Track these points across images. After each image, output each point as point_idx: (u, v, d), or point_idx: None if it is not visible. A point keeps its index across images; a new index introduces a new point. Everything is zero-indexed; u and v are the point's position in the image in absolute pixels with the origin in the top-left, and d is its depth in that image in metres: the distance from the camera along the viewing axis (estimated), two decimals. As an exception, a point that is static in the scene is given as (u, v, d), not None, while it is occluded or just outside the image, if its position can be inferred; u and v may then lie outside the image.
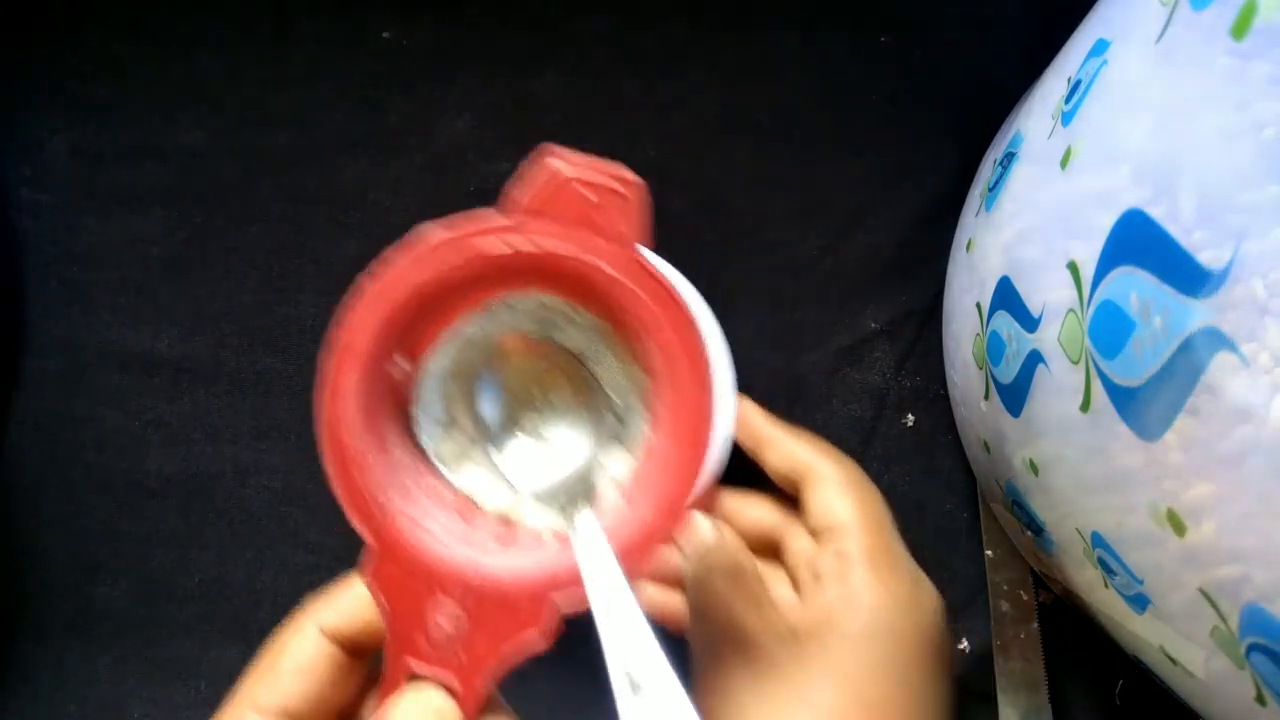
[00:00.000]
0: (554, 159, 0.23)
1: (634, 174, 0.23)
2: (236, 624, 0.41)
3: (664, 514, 0.24)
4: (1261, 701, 0.23)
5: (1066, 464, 0.28)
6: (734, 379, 0.36)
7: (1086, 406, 0.26)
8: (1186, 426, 0.22)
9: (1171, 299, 0.22)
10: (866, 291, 0.43)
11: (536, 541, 0.25)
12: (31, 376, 0.42)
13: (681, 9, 0.44)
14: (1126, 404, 0.24)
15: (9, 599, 0.41)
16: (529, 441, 0.28)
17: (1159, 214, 0.22)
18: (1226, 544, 0.22)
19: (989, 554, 0.40)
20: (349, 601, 0.24)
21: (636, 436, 0.27)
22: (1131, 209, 0.24)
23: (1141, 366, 0.23)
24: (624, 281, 0.24)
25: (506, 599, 0.23)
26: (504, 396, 0.28)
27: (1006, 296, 0.31)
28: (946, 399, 0.41)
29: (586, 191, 0.23)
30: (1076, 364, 0.26)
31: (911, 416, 0.42)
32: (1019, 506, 0.34)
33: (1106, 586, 0.29)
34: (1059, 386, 0.27)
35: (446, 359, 0.27)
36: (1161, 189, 0.23)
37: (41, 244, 0.43)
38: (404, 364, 0.25)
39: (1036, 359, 0.29)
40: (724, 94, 0.44)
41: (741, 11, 0.44)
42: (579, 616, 0.23)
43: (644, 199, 0.23)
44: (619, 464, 0.27)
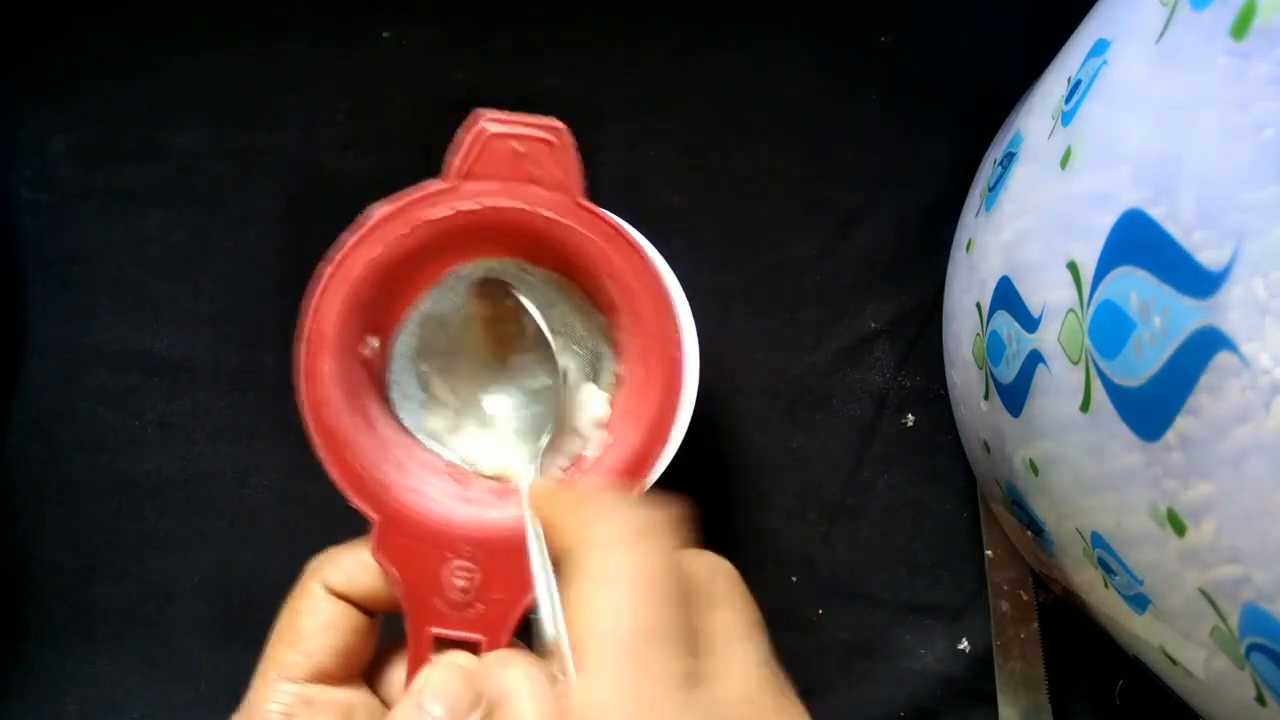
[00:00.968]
0: (482, 120, 0.24)
1: (559, 120, 0.24)
2: (236, 624, 0.41)
3: (650, 434, 0.25)
4: (1261, 701, 0.23)
5: (1066, 464, 0.28)
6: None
7: (1086, 406, 0.26)
8: (1186, 426, 0.22)
9: (1171, 299, 0.22)
10: (866, 291, 0.43)
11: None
12: (31, 376, 0.42)
13: (681, 9, 0.44)
14: (1126, 404, 0.24)
15: (9, 599, 0.41)
16: (506, 402, 0.28)
17: (1159, 214, 0.22)
18: (1226, 544, 0.22)
19: (989, 554, 0.40)
20: (353, 561, 0.24)
21: (609, 375, 0.27)
22: (1131, 209, 0.24)
23: (1141, 366, 0.23)
24: (566, 222, 0.24)
25: (516, 548, 0.24)
26: (473, 364, 0.28)
27: (1006, 296, 0.31)
28: (946, 399, 0.41)
29: (515, 144, 0.24)
30: (1076, 364, 0.26)
31: (911, 416, 0.42)
32: (1019, 506, 0.34)
33: (1106, 586, 0.29)
34: (1059, 386, 0.27)
35: (412, 339, 0.27)
36: (1161, 189, 0.23)
37: (41, 244, 0.43)
38: (375, 344, 0.26)
39: (1036, 359, 0.29)
40: (724, 94, 0.44)
41: (741, 11, 0.44)
42: None
43: (571, 143, 0.24)
44: (598, 403, 0.27)
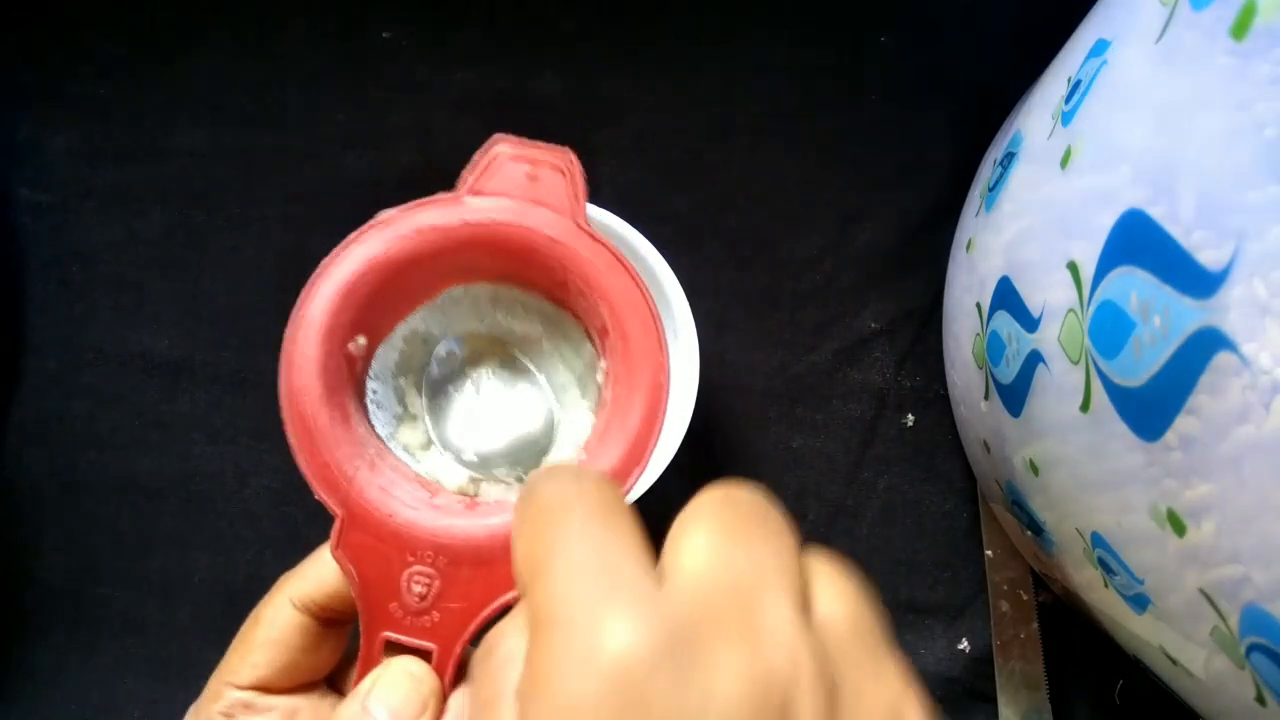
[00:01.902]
0: (499, 144, 0.25)
1: (568, 149, 0.25)
2: (236, 624, 0.40)
3: (628, 456, 0.25)
4: (1261, 701, 0.23)
5: (1066, 464, 0.28)
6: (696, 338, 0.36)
7: (1086, 406, 0.26)
8: (1186, 426, 0.22)
9: (1171, 299, 0.22)
10: (866, 291, 0.43)
11: (500, 504, 0.26)
12: (31, 376, 0.42)
13: (682, 9, 0.44)
14: (1126, 404, 0.24)
15: (9, 599, 0.41)
16: (484, 423, 0.28)
17: (1159, 214, 0.22)
18: (1226, 544, 0.22)
19: (989, 554, 0.40)
20: (318, 570, 0.25)
21: (593, 399, 0.28)
22: (1131, 209, 0.24)
23: (1141, 366, 0.23)
24: (567, 244, 0.25)
25: (481, 558, 0.23)
26: (454, 385, 0.29)
27: (1006, 296, 0.31)
28: (946, 399, 0.41)
29: (526, 167, 0.25)
30: (1076, 364, 0.26)
31: (911, 416, 0.42)
32: (1019, 506, 0.34)
33: (1106, 586, 0.29)
34: (1059, 386, 0.27)
35: (394, 352, 0.28)
36: (1161, 189, 0.23)
37: (41, 244, 0.43)
38: (362, 343, 0.26)
39: (1036, 359, 0.29)
40: (724, 94, 0.44)
41: (741, 11, 0.44)
42: None
43: (579, 170, 0.25)
44: (580, 426, 0.28)
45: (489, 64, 0.44)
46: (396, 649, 0.23)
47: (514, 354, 0.29)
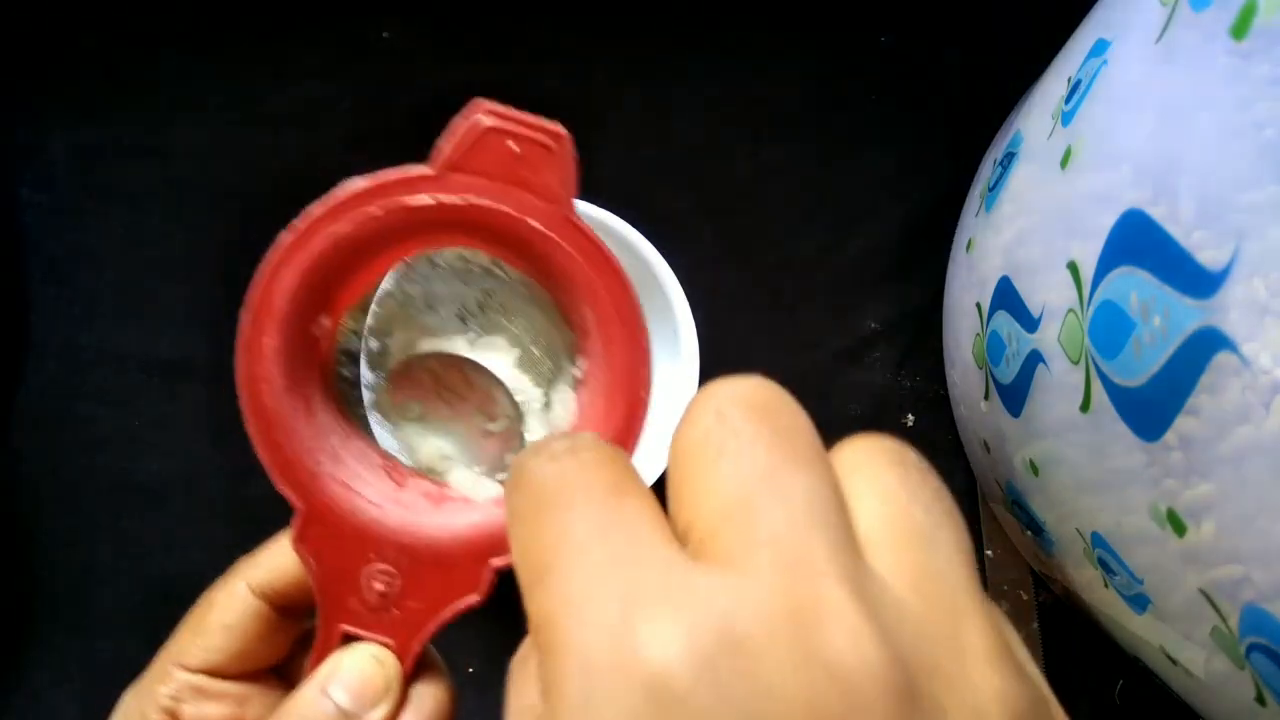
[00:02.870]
0: (479, 112, 0.22)
1: (560, 126, 0.22)
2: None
3: None
4: (1261, 701, 0.23)
5: (1066, 464, 0.28)
6: (696, 347, 0.35)
7: (1086, 406, 0.26)
8: (1186, 426, 0.22)
9: (1171, 299, 0.22)
10: (866, 291, 0.43)
11: (468, 503, 0.25)
12: (32, 377, 0.42)
13: (682, 10, 0.44)
14: (1126, 404, 0.24)
15: (9, 599, 0.41)
16: (453, 404, 0.27)
17: (1159, 214, 0.22)
18: (1226, 544, 0.22)
19: (989, 554, 0.40)
20: (277, 558, 0.24)
21: (566, 397, 0.26)
22: (1131, 209, 0.24)
23: (1141, 366, 0.23)
24: (553, 237, 0.22)
25: (443, 561, 0.23)
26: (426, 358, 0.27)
27: (1006, 296, 0.31)
28: (946, 399, 0.41)
29: (511, 143, 0.22)
30: (1076, 364, 0.26)
31: (911, 416, 0.42)
32: (1019, 506, 0.34)
33: (1106, 586, 0.29)
34: (1059, 386, 0.27)
35: (371, 319, 0.26)
36: (1161, 189, 0.23)
37: (41, 244, 0.43)
38: (327, 323, 0.25)
39: (1036, 359, 0.29)
40: (724, 94, 0.44)
41: (741, 12, 0.44)
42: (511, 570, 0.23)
43: (571, 152, 0.22)
44: (554, 423, 0.26)
45: (489, 64, 0.44)
46: (354, 642, 0.23)
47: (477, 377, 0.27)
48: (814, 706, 0.12)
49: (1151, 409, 0.23)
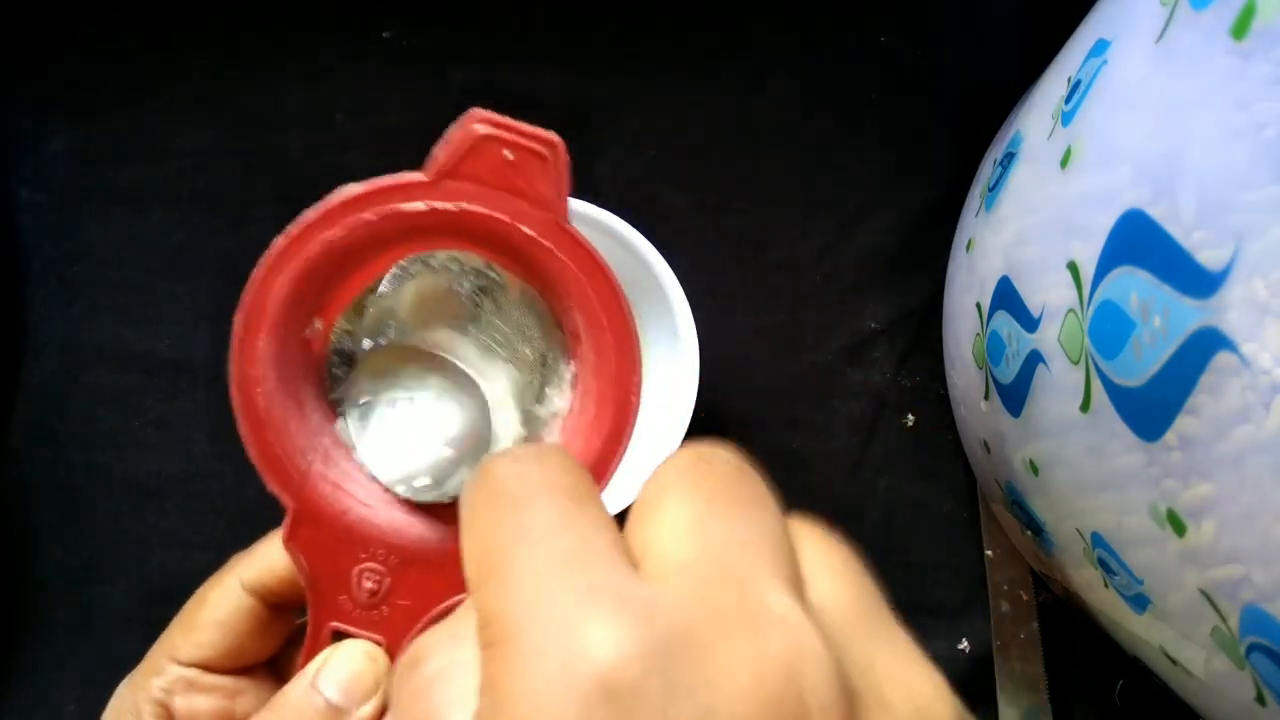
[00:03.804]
0: (476, 121, 0.22)
1: (554, 134, 0.22)
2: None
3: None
4: (1261, 701, 0.23)
5: (1066, 464, 0.28)
6: (696, 355, 0.35)
7: (1086, 406, 0.26)
8: (1186, 426, 0.22)
9: (1171, 299, 0.22)
10: (866, 291, 0.43)
11: (456, 504, 0.24)
12: (32, 377, 0.42)
13: (682, 9, 0.44)
14: (1126, 404, 0.24)
15: (9, 599, 0.41)
16: (415, 439, 0.27)
17: (1159, 214, 0.22)
18: (1226, 544, 0.22)
19: (989, 554, 0.40)
20: (270, 555, 0.25)
21: (554, 402, 0.26)
22: (1131, 209, 0.24)
23: (1141, 366, 0.23)
24: (545, 244, 0.22)
25: (432, 560, 0.23)
26: (413, 364, 0.27)
27: (1006, 296, 0.31)
28: (946, 399, 0.41)
29: (505, 151, 0.22)
30: (1076, 364, 0.26)
31: (911, 416, 0.42)
32: (1019, 506, 0.34)
33: (1106, 586, 0.29)
34: (1059, 386, 0.27)
35: (365, 320, 0.26)
36: (1161, 189, 0.23)
37: (41, 244, 0.43)
38: (320, 325, 0.25)
39: (1036, 359, 0.29)
40: (724, 94, 0.44)
41: (741, 11, 0.44)
42: None
43: (564, 161, 0.22)
44: (543, 428, 0.26)
45: (489, 64, 0.44)
46: (344, 639, 0.23)
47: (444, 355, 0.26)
48: (764, 698, 0.13)
49: (1151, 409, 0.23)
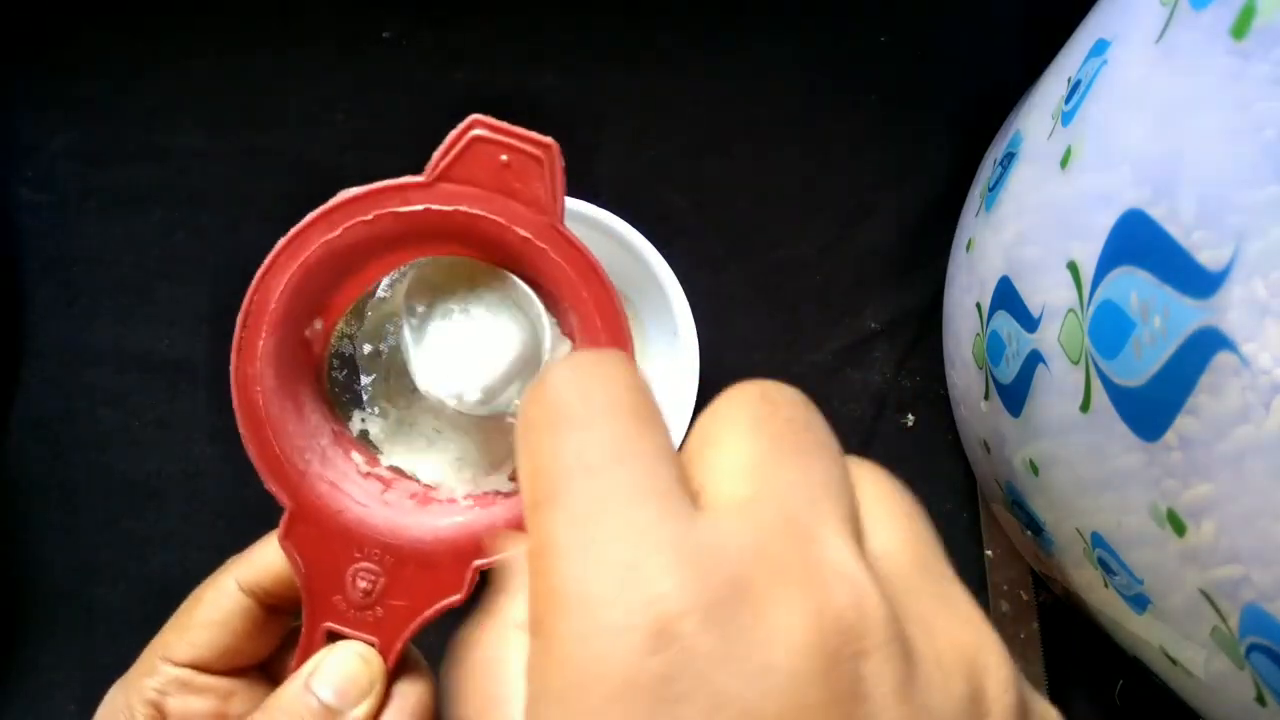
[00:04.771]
0: (475, 127, 0.23)
1: (549, 138, 0.22)
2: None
3: None
4: (1261, 701, 0.23)
5: (1066, 464, 0.28)
6: (696, 355, 0.36)
7: (1086, 406, 0.26)
8: (1186, 426, 0.22)
9: (1171, 299, 0.22)
10: (866, 291, 0.43)
11: (452, 504, 0.25)
12: (32, 377, 0.42)
13: (681, 10, 0.44)
14: (1126, 404, 0.24)
15: (9, 599, 0.41)
16: (472, 354, 0.27)
17: (1159, 214, 0.22)
18: (1226, 544, 0.22)
19: (989, 554, 0.40)
20: (266, 556, 0.25)
21: None
22: (1131, 209, 0.24)
23: (1141, 366, 0.23)
24: (539, 245, 0.23)
25: (428, 561, 0.23)
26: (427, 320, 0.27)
27: (1006, 296, 0.31)
28: (946, 399, 0.41)
29: (501, 154, 0.23)
30: (1076, 364, 0.26)
31: (911, 416, 0.42)
32: (1019, 506, 0.34)
33: (1106, 586, 0.29)
34: (1059, 386, 0.27)
35: (364, 323, 0.27)
36: (1161, 189, 0.23)
37: (41, 244, 0.43)
38: (320, 326, 0.25)
39: (1036, 359, 0.29)
40: (724, 94, 0.44)
41: (741, 11, 0.44)
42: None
43: (559, 164, 0.22)
44: None
45: (489, 64, 0.44)
46: (338, 640, 0.23)
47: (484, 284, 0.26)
48: (820, 657, 0.12)
49: (1151, 409, 0.23)
